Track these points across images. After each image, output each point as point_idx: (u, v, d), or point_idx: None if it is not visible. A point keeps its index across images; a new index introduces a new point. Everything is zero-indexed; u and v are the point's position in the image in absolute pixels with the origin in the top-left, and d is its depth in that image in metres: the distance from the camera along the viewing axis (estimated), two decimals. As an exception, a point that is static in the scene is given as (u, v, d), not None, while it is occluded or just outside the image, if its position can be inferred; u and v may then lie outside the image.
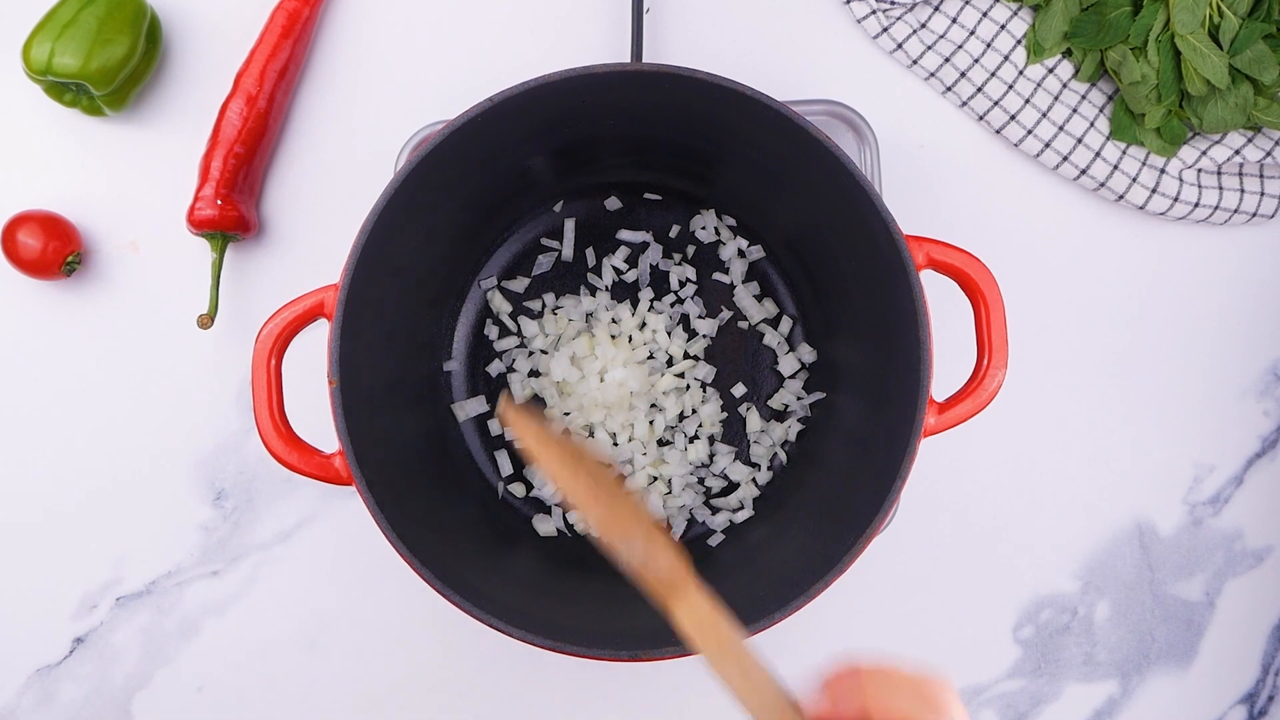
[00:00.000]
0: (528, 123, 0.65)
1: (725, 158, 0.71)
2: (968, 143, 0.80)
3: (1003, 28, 0.78)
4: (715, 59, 0.78)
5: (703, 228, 0.78)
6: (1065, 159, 0.78)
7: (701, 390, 0.77)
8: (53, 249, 0.75)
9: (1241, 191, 0.78)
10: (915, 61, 0.79)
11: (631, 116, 0.67)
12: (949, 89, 0.79)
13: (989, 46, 0.78)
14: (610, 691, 0.79)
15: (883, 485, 0.61)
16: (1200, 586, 0.80)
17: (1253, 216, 0.79)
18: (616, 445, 0.76)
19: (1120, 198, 0.78)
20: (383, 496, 0.61)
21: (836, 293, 0.73)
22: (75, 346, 0.79)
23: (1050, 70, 0.78)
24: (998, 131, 0.79)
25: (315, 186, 0.80)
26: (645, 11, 0.78)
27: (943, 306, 0.66)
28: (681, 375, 0.77)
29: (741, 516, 0.76)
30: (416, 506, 0.66)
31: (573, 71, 0.61)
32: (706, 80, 0.61)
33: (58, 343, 0.79)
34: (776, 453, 0.77)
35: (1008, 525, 0.79)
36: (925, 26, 0.79)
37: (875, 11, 0.78)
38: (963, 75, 0.79)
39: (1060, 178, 0.80)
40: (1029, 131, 0.78)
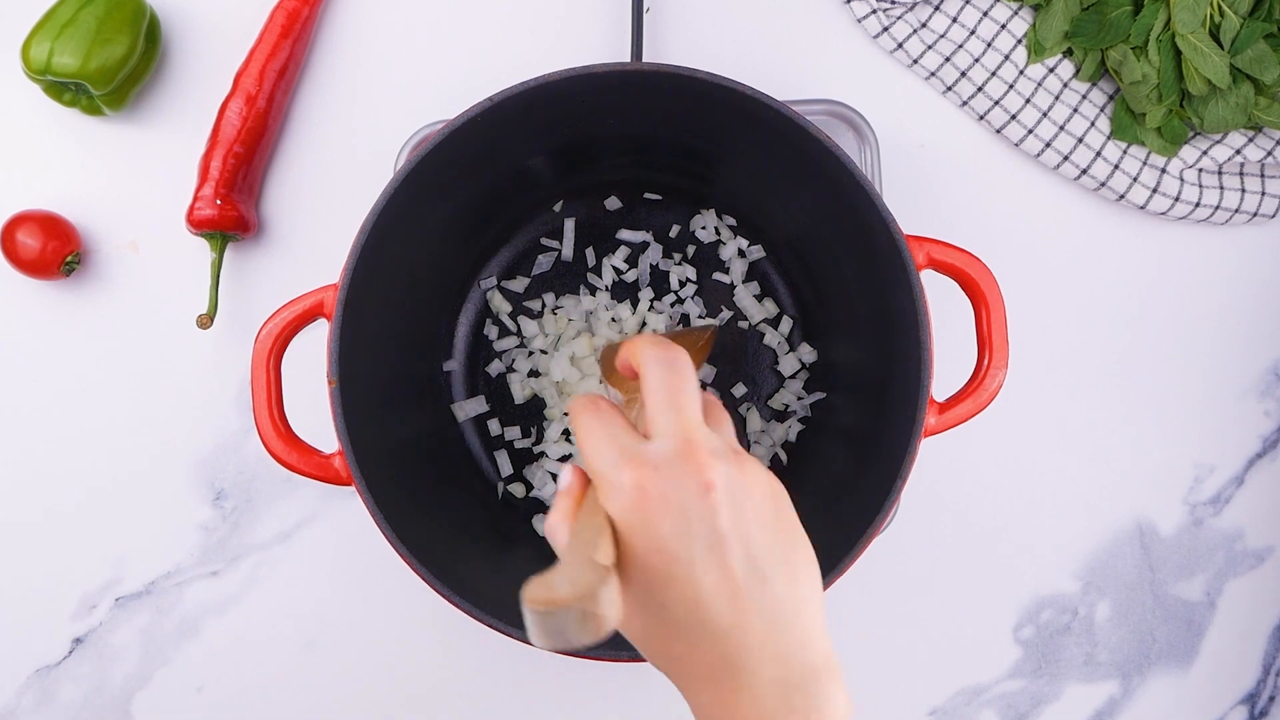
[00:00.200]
0: (527, 122, 0.65)
1: (725, 157, 0.71)
2: (968, 142, 0.80)
3: (1003, 27, 0.78)
4: (715, 58, 0.78)
5: (703, 227, 0.77)
6: (1066, 159, 0.78)
7: (702, 390, 0.77)
8: (52, 249, 0.75)
9: (1242, 191, 0.78)
10: (916, 61, 0.79)
11: (631, 116, 0.67)
12: (949, 88, 0.79)
13: (989, 46, 0.78)
14: (610, 692, 0.79)
15: (883, 485, 0.61)
16: (1201, 587, 0.80)
17: (1253, 216, 0.78)
18: None
19: (1121, 197, 0.78)
20: (382, 497, 0.61)
21: (837, 293, 0.73)
22: (75, 346, 0.79)
23: (1051, 70, 0.78)
24: (998, 131, 0.79)
25: (315, 186, 0.80)
26: (645, 11, 0.78)
27: (943, 306, 0.66)
28: None
29: (742, 517, 0.76)
30: (416, 506, 0.66)
31: (573, 71, 0.61)
32: (707, 80, 0.61)
33: (57, 343, 0.79)
34: (776, 453, 0.77)
35: (1008, 525, 0.79)
36: (926, 26, 0.79)
37: (875, 11, 0.78)
38: (963, 75, 0.78)
39: (1061, 177, 0.80)
40: (1029, 131, 0.78)
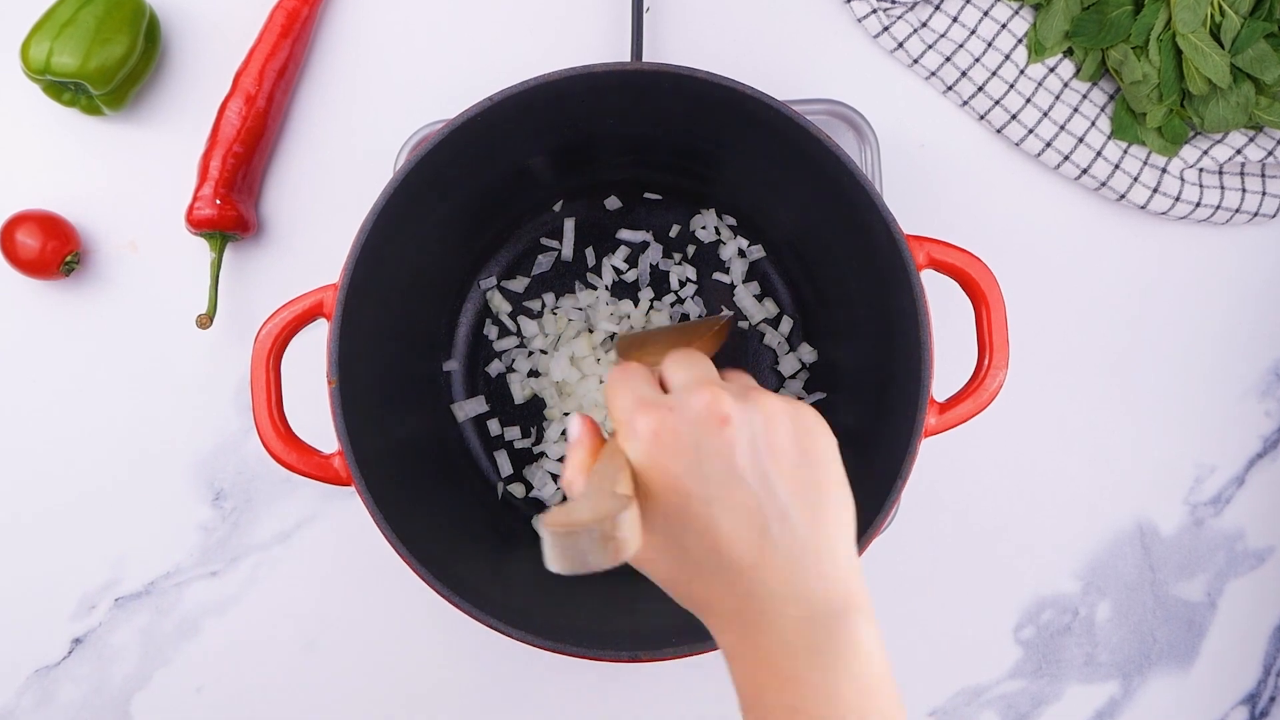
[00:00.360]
0: (527, 122, 0.65)
1: (725, 157, 0.71)
2: (968, 142, 0.80)
3: (1004, 27, 0.78)
4: (715, 58, 0.78)
5: (703, 227, 0.77)
6: (1066, 158, 0.78)
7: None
8: (51, 249, 0.75)
9: (1243, 191, 0.78)
10: (916, 61, 0.79)
11: (631, 116, 0.67)
12: (950, 88, 0.79)
13: (990, 45, 0.78)
14: (610, 692, 0.79)
15: (883, 486, 0.61)
16: (1202, 587, 0.79)
17: (1254, 216, 0.78)
18: None
19: (1121, 197, 0.78)
20: (382, 497, 0.61)
21: (837, 292, 0.73)
22: (74, 346, 0.79)
23: (1051, 69, 0.78)
24: (999, 131, 0.79)
25: (314, 186, 0.79)
26: (645, 11, 0.77)
27: (943, 306, 0.66)
28: None
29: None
30: (416, 507, 0.66)
31: (573, 71, 0.61)
32: (707, 79, 0.61)
33: (56, 343, 0.79)
34: (777, 453, 0.76)
35: (1008, 525, 0.79)
36: (926, 25, 0.79)
37: (876, 10, 0.78)
38: (964, 74, 0.78)
39: (1061, 177, 0.80)
40: (1030, 131, 0.78)
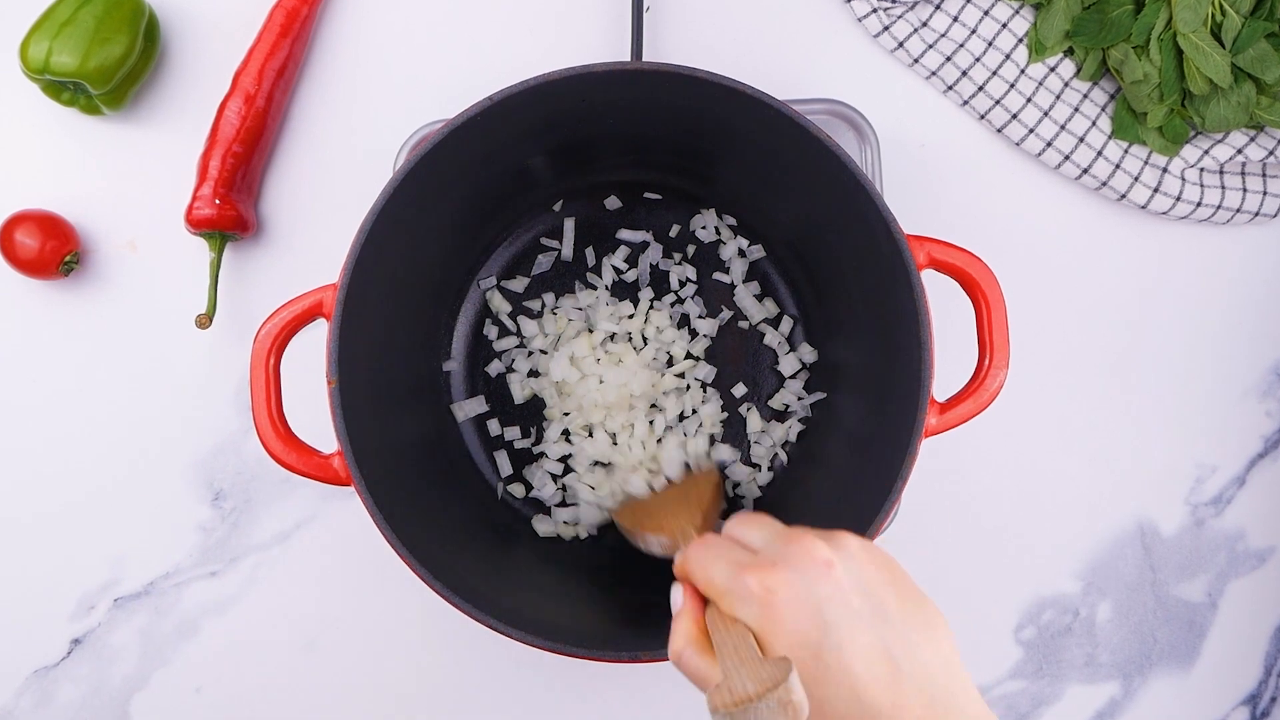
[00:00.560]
0: (527, 122, 0.65)
1: (725, 157, 0.71)
2: (969, 142, 0.80)
3: (1004, 26, 0.78)
4: (715, 58, 0.78)
5: (703, 227, 0.77)
6: (1067, 158, 0.78)
7: (702, 390, 0.77)
8: (50, 248, 0.75)
9: (1244, 191, 0.78)
10: (916, 60, 0.79)
11: (631, 115, 0.67)
12: (950, 88, 0.79)
13: (990, 45, 0.78)
14: (610, 692, 0.79)
15: (883, 486, 0.61)
16: (1202, 587, 0.79)
17: (1255, 216, 0.78)
18: (616, 445, 0.75)
19: (1122, 197, 0.78)
20: (382, 497, 0.61)
21: (837, 292, 0.73)
22: (73, 346, 0.79)
23: (1052, 69, 0.78)
24: (999, 130, 0.79)
25: (314, 186, 0.79)
26: (645, 10, 0.77)
27: (944, 306, 0.65)
28: (682, 375, 0.76)
29: (742, 517, 0.76)
30: (415, 507, 0.66)
31: (572, 70, 0.61)
32: (707, 79, 0.61)
33: (55, 343, 0.79)
34: (777, 453, 0.76)
35: (1009, 526, 0.79)
36: (926, 25, 0.79)
37: (876, 10, 0.78)
38: (964, 74, 0.78)
39: (1062, 177, 0.80)
40: (1030, 130, 0.78)
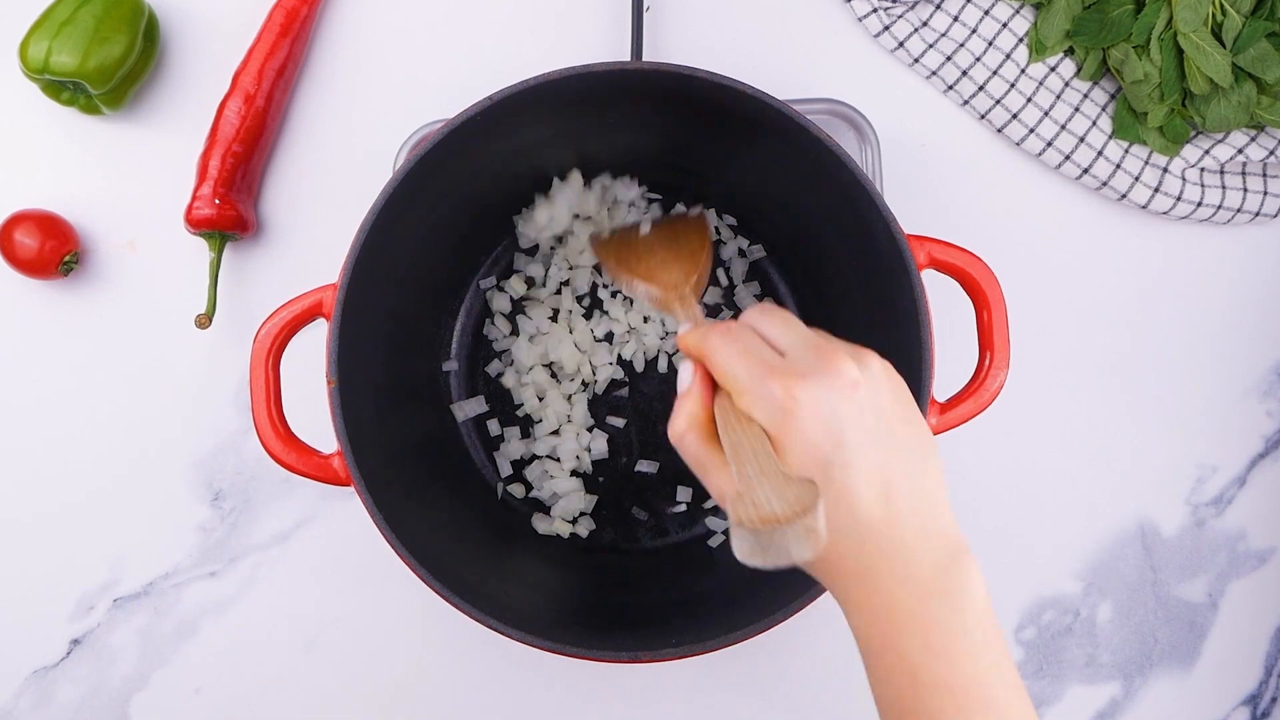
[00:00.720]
0: (527, 121, 0.65)
1: (725, 157, 0.71)
2: (969, 142, 0.80)
3: (1005, 26, 0.78)
4: (715, 58, 0.78)
5: (703, 227, 0.77)
6: (1067, 158, 0.78)
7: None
8: (50, 248, 0.75)
9: (1244, 191, 0.78)
10: (917, 60, 0.78)
11: (631, 115, 0.67)
12: (950, 87, 0.79)
13: (991, 45, 0.78)
14: (610, 692, 0.79)
15: (884, 486, 0.61)
16: (1203, 588, 0.79)
17: (1255, 216, 0.78)
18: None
19: (1123, 197, 0.78)
20: (381, 497, 0.61)
21: (837, 292, 0.73)
22: (72, 346, 0.79)
23: (1052, 69, 0.78)
24: (999, 130, 0.79)
25: (314, 186, 0.79)
26: (645, 10, 0.77)
27: (944, 306, 0.65)
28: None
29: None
30: (415, 507, 0.66)
31: (572, 70, 0.61)
32: (707, 79, 0.61)
33: (55, 342, 0.79)
34: (777, 453, 0.76)
35: (1009, 526, 0.79)
36: (927, 25, 0.79)
37: (876, 10, 0.78)
38: (964, 74, 0.78)
39: (1062, 177, 0.80)
40: (1031, 130, 0.78)
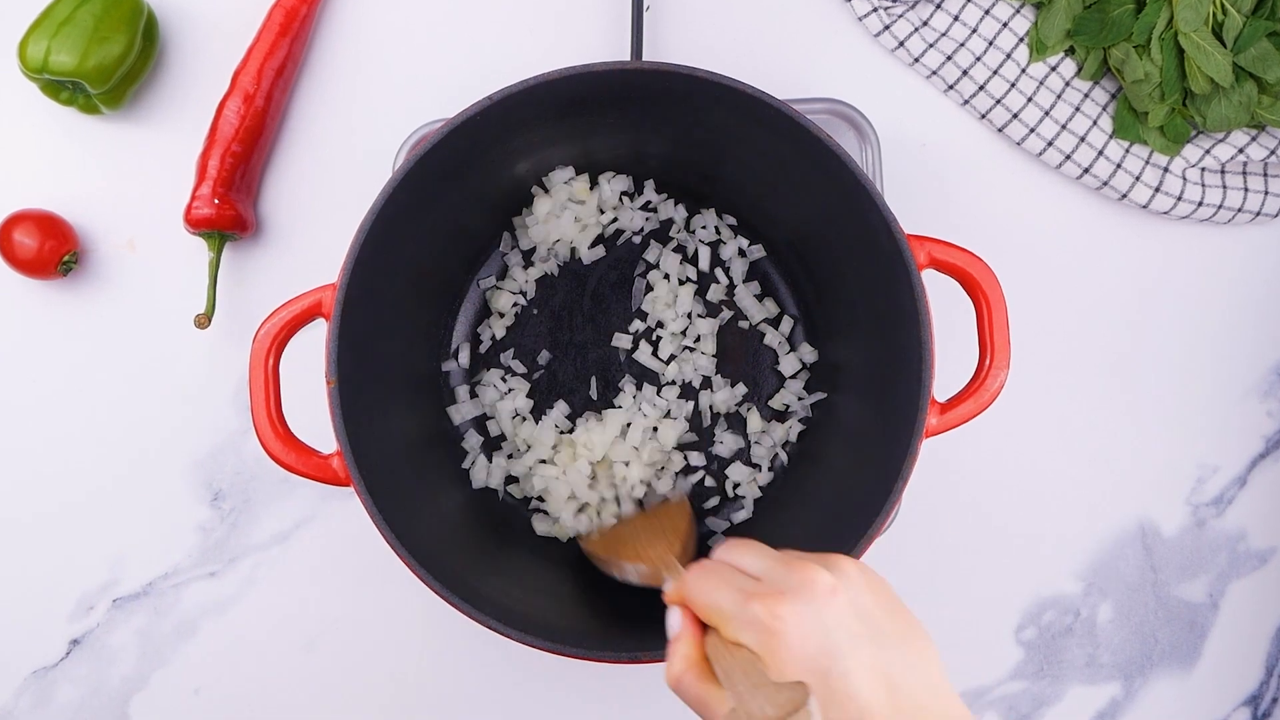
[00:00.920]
0: (527, 121, 0.65)
1: (726, 157, 0.70)
2: (970, 141, 0.80)
3: (1005, 25, 0.78)
4: (715, 57, 0.78)
5: (703, 227, 0.77)
6: (1068, 158, 0.78)
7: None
8: (49, 248, 0.75)
9: (1245, 190, 0.78)
10: (917, 59, 0.78)
11: (631, 115, 0.67)
12: (951, 87, 0.79)
13: (991, 44, 0.78)
14: (610, 692, 0.79)
15: (884, 486, 0.61)
16: (1204, 588, 0.79)
17: (1256, 215, 0.78)
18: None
19: (1123, 197, 0.78)
20: (381, 497, 0.61)
21: (837, 292, 0.73)
22: (71, 346, 0.79)
23: (1053, 68, 0.78)
24: (1000, 130, 0.79)
25: (313, 185, 0.79)
26: (645, 10, 0.77)
27: (944, 306, 0.65)
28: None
29: (741, 517, 0.75)
30: (414, 507, 0.66)
31: (572, 70, 0.61)
32: (707, 79, 0.61)
33: (54, 342, 0.79)
34: (777, 453, 0.76)
35: (1009, 526, 0.79)
36: (927, 24, 0.79)
37: (876, 9, 0.78)
38: (965, 73, 0.78)
39: (1063, 176, 0.80)
40: (1031, 130, 0.78)
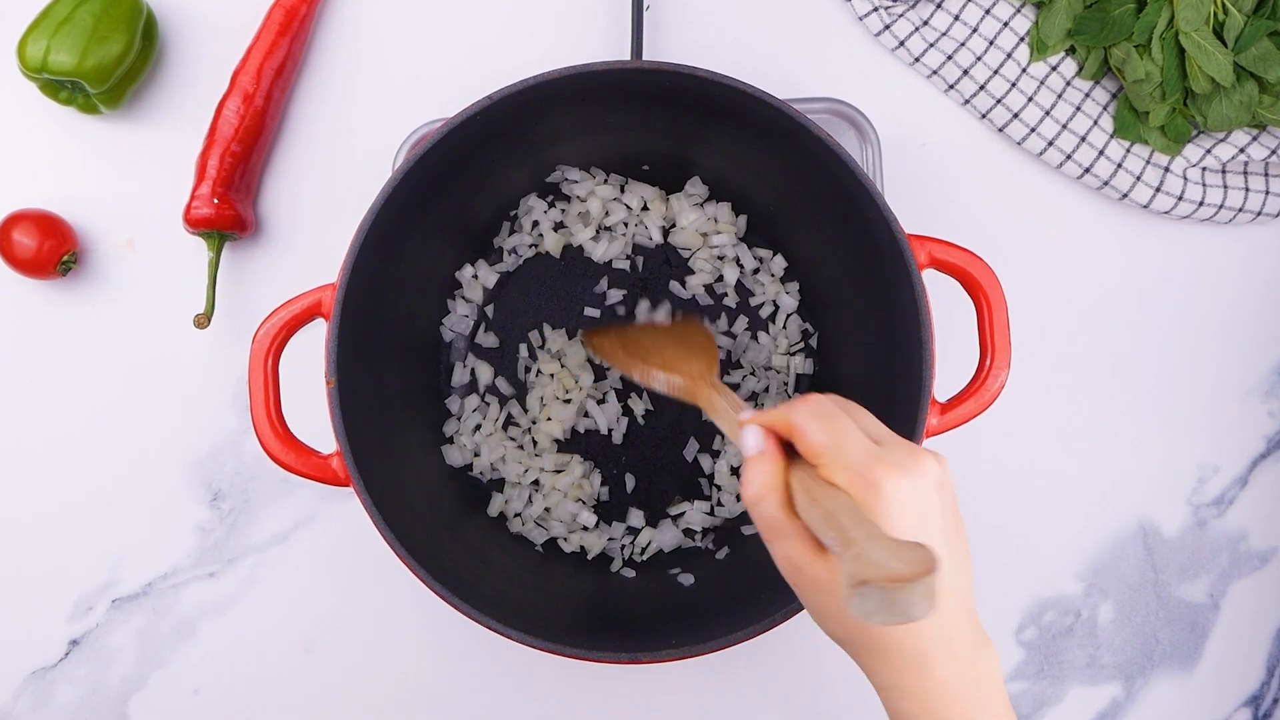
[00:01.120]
0: (526, 121, 0.65)
1: (726, 156, 0.70)
2: (970, 141, 0.80)
3: (1006, 25, 0.78)
4: (715, 57, 0.78)
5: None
6: (1069, 157, 0.78)
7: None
8: (48, 248, 0.75)
9: (1246, 190, 0.78)
10: (917, 59, 0.78)
11: (631, 114, 0.67)
12: (951, 87, 0.79)
13: (992, 44, 0.78)
14: (610, 692, 0.78)
15: (885, 486, 0.60)
16: (1204, 588, 0.79)
17: (1257, 215, 0.78)
18: None
19: (1124, 196, 0.78)
20: (380, 497, 0.61)
21: (837, 292, 0.73)
22: (71, 346, 0.79)
23: (1054, 68, 0.78)
24: (1000, 130, 0.78)
25: (313, 185, 0.79)
26: (645, 10, 0.77)
27: (945, 306, 0.65)
28: None
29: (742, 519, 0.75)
30: (414, 507, 0.66)
31: (572, 69, 0.61)
32: (707, 78, 0.61)
33: (53, 342, 0.79)
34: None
35: (1010, 526, 0.79)
36: (927, 24, 0.78)
37: (877, 9, 0.78)
38: (965, 73, 0.78)
39: (1064, 176, 0.79)
40: (1032, 130, 0.78)
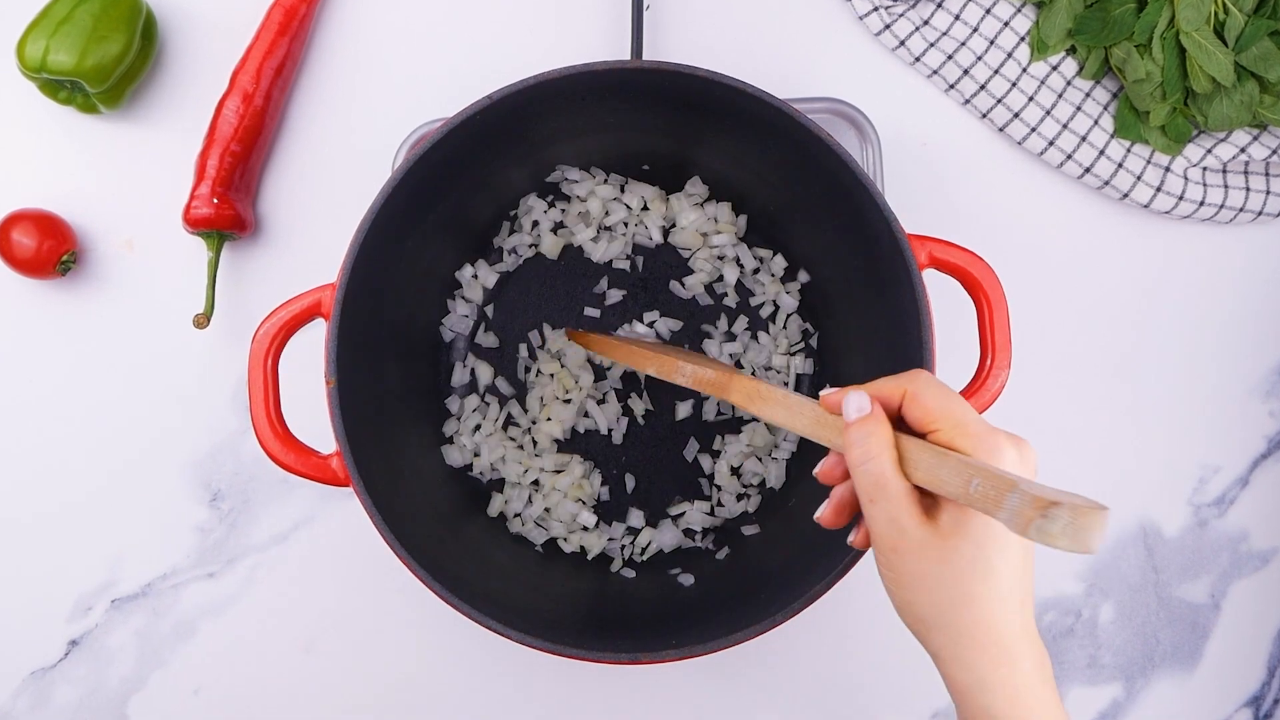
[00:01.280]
0: (526, 121, 0.65)
1: (726, 156, 0.70)
2: (971, 141, 0.80)
3: (1006, 24, 0.78)
4: (715, 57, 0.78)
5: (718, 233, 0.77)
6: (1069, 157, 0.78)
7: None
8: (48, 248, 0.75)
9: (1247, 190, 0.78)
10: (918, 59, 0.78)
11: (631, 114, 0.67)
12: (952, 86, 0.79)
13: (992, 44, 0.78)
14: (610, 692, 0.78)
15: (885, 486, 0.60)
16: (1205, 588, 0.79)
17: (1258, 215, 0.78)
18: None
19: (1125, 196, 0.78)
20: (380, 498, 0.61)
21: (838, 292, 0.73)
22: (70, 346, 0.78)
23: (1054, 68, 0.78)
24: (1001, 129, 0.78)
25: (312, 185, 0.79)
26: (645, 9, 0.77)
27: (945, 306, 0.65)
28: None
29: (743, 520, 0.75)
30: (414, 508, 0.66)
31: (572, 69, 0.61)
32: (707, 78, 0.61)
33: (52, 342, 0.78)
34: (776, 457, 0.76)
35: (1011, 526, 0.79)
36: (928, 23, 0.78)
37: (877, 8, 0.78)
38: (965, 73, 0.78)
39: (1064, 176, 0.79)
40: (1032, 129, 0.78)
